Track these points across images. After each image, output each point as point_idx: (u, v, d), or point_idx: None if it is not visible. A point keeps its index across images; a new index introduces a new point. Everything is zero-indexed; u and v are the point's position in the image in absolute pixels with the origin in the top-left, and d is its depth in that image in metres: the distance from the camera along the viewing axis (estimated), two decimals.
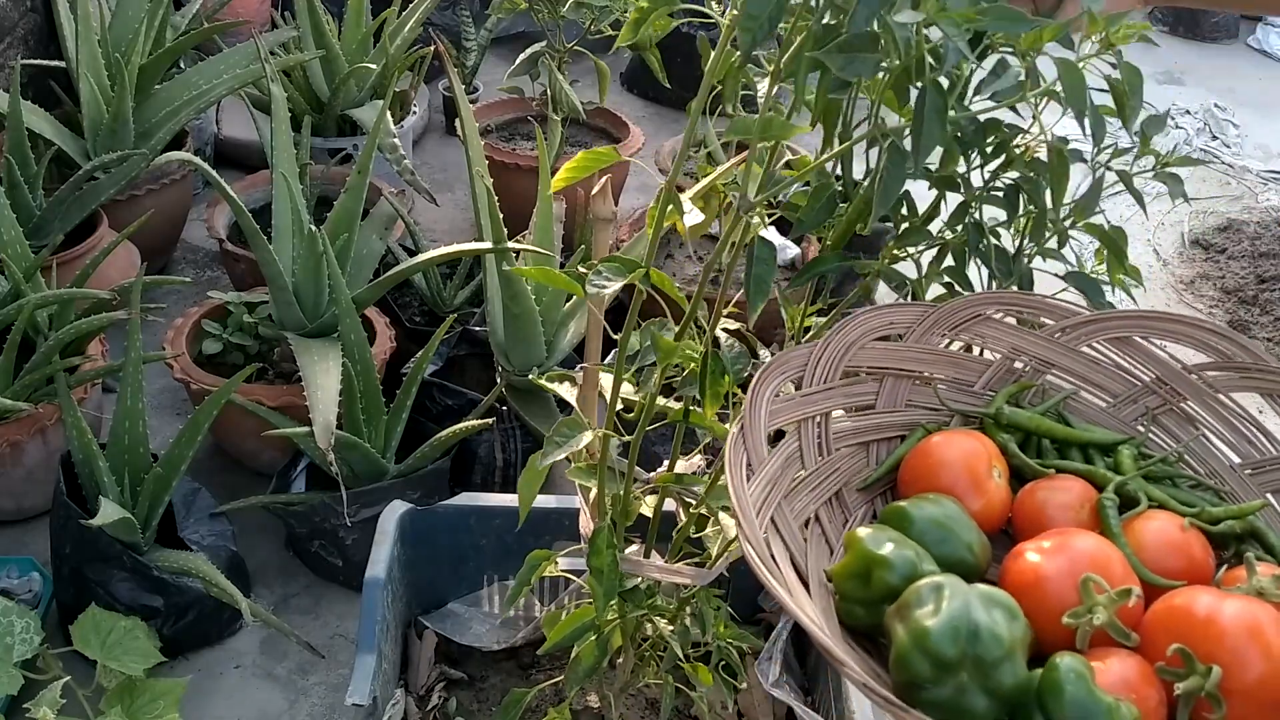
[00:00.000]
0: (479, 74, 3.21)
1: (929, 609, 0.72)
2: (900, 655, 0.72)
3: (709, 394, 0.92)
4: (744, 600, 1.52)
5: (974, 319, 0.98)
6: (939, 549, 0.80)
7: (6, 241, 1.82)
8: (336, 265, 1.73)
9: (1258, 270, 2.91)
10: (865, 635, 0.80)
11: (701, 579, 1.06)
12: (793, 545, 0.82)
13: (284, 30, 2.65)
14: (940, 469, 0.89)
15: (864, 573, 0.78)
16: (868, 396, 0.95)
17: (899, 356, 0.96)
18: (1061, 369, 1.00)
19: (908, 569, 0.77)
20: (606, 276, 0.85)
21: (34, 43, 2.59)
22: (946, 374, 0.98)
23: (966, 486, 0.87)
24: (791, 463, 0.88)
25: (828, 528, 0.88)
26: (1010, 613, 0.73)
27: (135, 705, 1.44)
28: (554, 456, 0.94)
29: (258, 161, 2.65)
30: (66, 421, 1.58)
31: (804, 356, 0.91)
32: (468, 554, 1.48)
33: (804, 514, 0.86)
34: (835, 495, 0.91)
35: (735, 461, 0.80)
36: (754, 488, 0.81)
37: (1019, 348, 0.99)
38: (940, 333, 0.97)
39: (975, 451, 0.89)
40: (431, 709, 1.41)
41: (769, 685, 1.40)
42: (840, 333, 0.93)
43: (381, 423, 1.77)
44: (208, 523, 1.77)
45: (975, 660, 0.70)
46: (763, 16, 0.69)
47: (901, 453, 0.93)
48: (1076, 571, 0.76)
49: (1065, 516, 0.86)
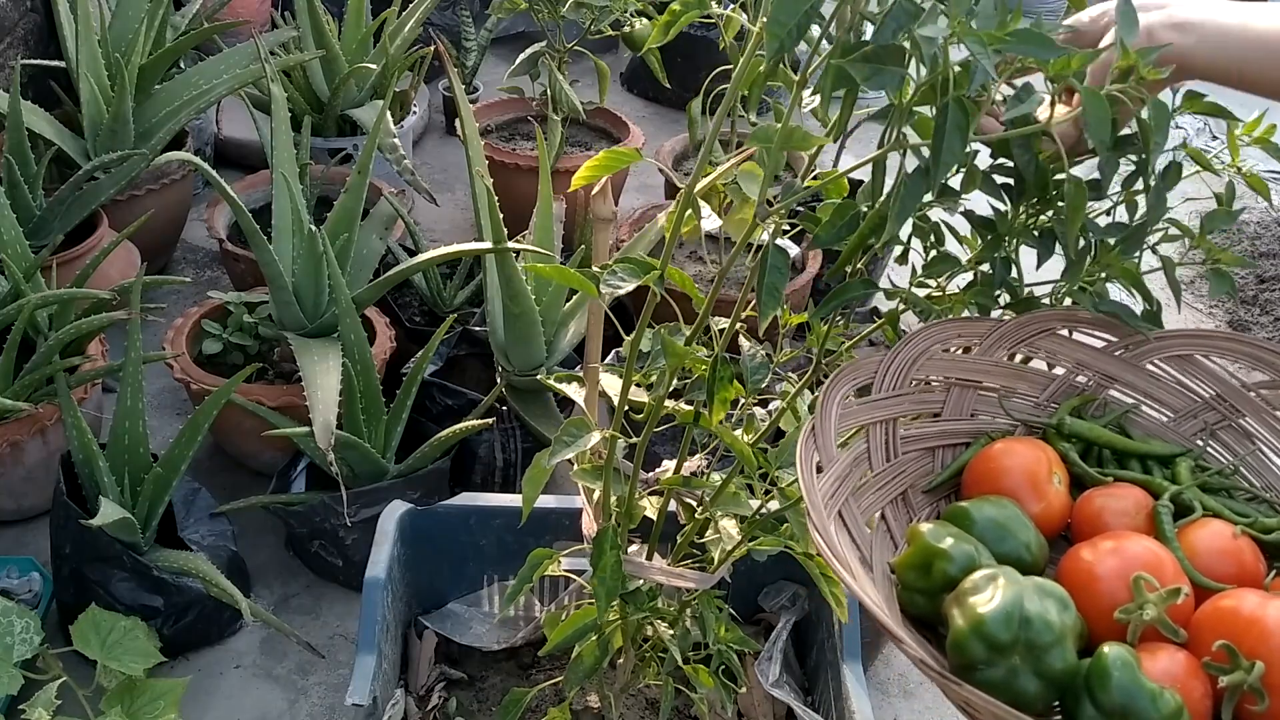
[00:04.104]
0: (479, 74, 3.21)
1: (985, 596, 0.77)
2: (956, 638, 0.76)
3: (716, 400, 0.92)
4: (744, 601, 1.52)
5: (1040, 334, 1.01)
6: (997, 547, 0.84)
7: (6, 241, 1.82)
8: (336, 265, 1.73)
9: (1258, 270, 2.91)
10: (925, 625, 0.84)
11: (704, 582, 1.06)
12: (859, 538, 0.86)
13: (284, 30, 2.65)
14: (1002, 474, 0.92)
15: (925, 564, 0.82)
16: (935, 405, 0.99)
17: (966, 368, 1.00)
18: (1124, 384, 1.03)
19: (966, 561, 0.81)
20: (621, 277, 0.85)
21: (34, 43, 2.59)
22: (1011, 385, 1.02)
23: (1027, 491, 0.91)
24: (860, 463, 0.92)
25: (893, 525, 0.92)
26: (1062, 603, 0.77)
27: (135, 705, 1.44)
28: (562, 455, 0.95)
29: (258, 161, 2.65)
30: (66, 421, 1.58)
31: (875, 364, 0.95)
32: (468, 554, 1.48)
33: (870, 511, 0.91)
34: (901, 496, 0.94)
35: (806, 458, 0.84)
36: (823, 483, 0.85)
37: (1083, 363, 1.02)
38: (1007, 346, 1.01)
39: (1036, 458, 0.93)
40: (431, 709, 1.41)
41: (769, 685, 1.40)
42: (910, 344, 0.96)
43: (381, 423, 1.77)
44: (208, 523, 1.77)
45: (1027, 644, 0.74)
46: (791, 24, 0.69)
47: (966, 458, 0.97)
48: (1129, 571, 0.79)
49: (1122, 522, 0.89)
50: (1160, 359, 1.02)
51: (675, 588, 1.10)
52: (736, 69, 0.78)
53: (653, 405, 0.97)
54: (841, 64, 0.70)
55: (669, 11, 0.80)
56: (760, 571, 1.45)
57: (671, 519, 1.12)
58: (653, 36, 0.82)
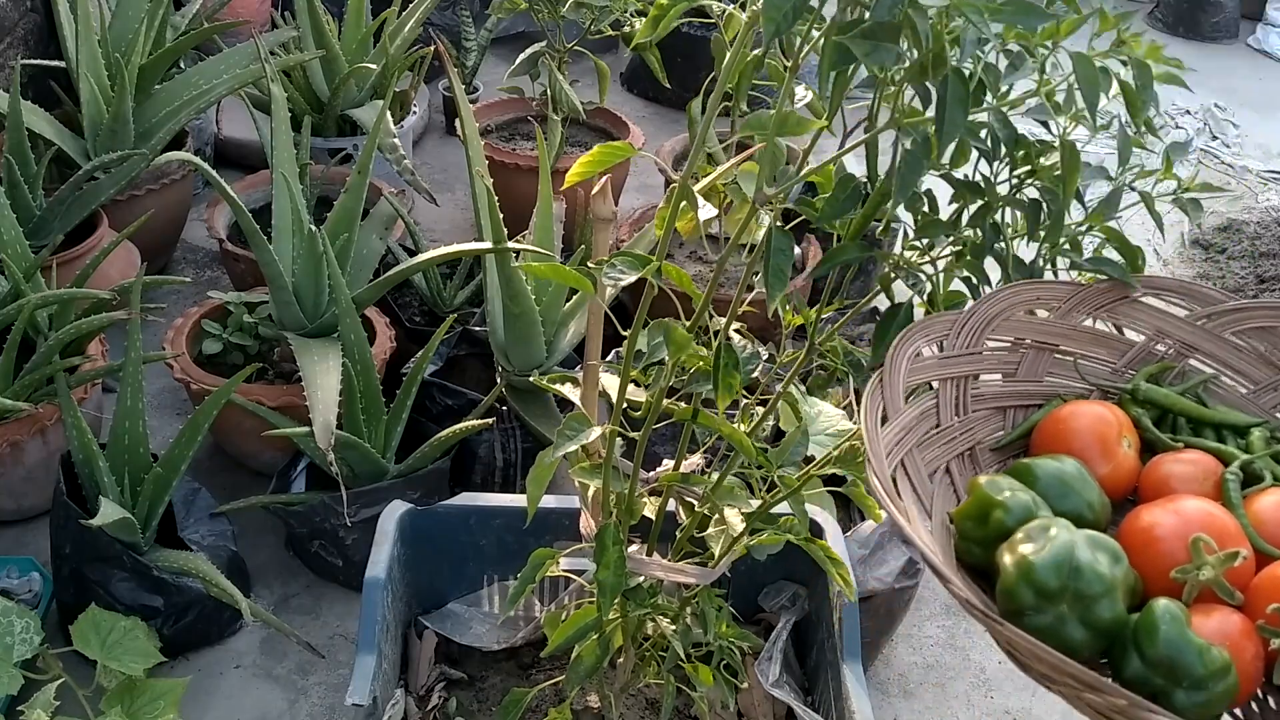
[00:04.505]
0: (479, 74, 3.21)
1: (1037, 545, 0.78)
2: (1006, 584, 0.78)
3: (722, 386, 0.92)
4: (744, 600, 1.52)
5: (1120, 300, 1.01)
6: (1059, 503, 0.85)
7: (6, 241, 1.82)
8: (336, 265, 1.73)
9: (1258, 270, 2.91)
10: (980, 574, 0.84)
11: (705, 578, 1.06)
12: (919, 488, 0.87)
13: (284, 30, 2.65)
14: (1072, 434, 0.93)
15: (982, 514, 0.83)
16: (1009, 366, 0.99)
17: (1042, 330, 1.00)
18: (1204, 354, 1.03)
19: (1023, 512, 0.82)
20: (621, 270, 0.86)
21: (34, 43, 2.59)
22: (1088, 351, 1.02)
23: (1096, 452, 0.91)
24: (927, 417, 0.92)
25: (957, 480, 0.92)
26: (1114, 556, 0.78)
27: (135, 705, 1.44)
28: (565, 449, 0.95)
29: (258, 161, 2.65)
30: (66, 421, 1.58)
31: (949, 322, 0.95)
32: (468, 554, 1.48)
33: (935, 464, 0.91)
34: (969, 452, 0.95)
35: (871, 408, 0.85)
36: (888, 432, 0.86)
37: (1163, 330, 1.02)
38: (1085, 312, 1.01)
39: (1106, 420, 0.93)
40: (431, 709, 1.41)
41: (769, 685, 1.40)
42: (987, 303, 0.97)
43: (381, 423, 1.77)
44: (208, 523, 1.77)
45: (1075, 593, 0.76)
46: (785, 8, 0.69)
47: (1037, 418, 0.97)
48: (1189, 532, 0.80)
49: (1189, 488, 0.90)
50: (1242, 330, 1.02)
51: (675, 585, 1.10)
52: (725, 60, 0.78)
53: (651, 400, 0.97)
54: (841, 40, 0.70)
55: (656, 5, 0.80)
56: (760, 571, 1.45)
57: (671, 518, 1.12)
58: (641, 32, 0.83)
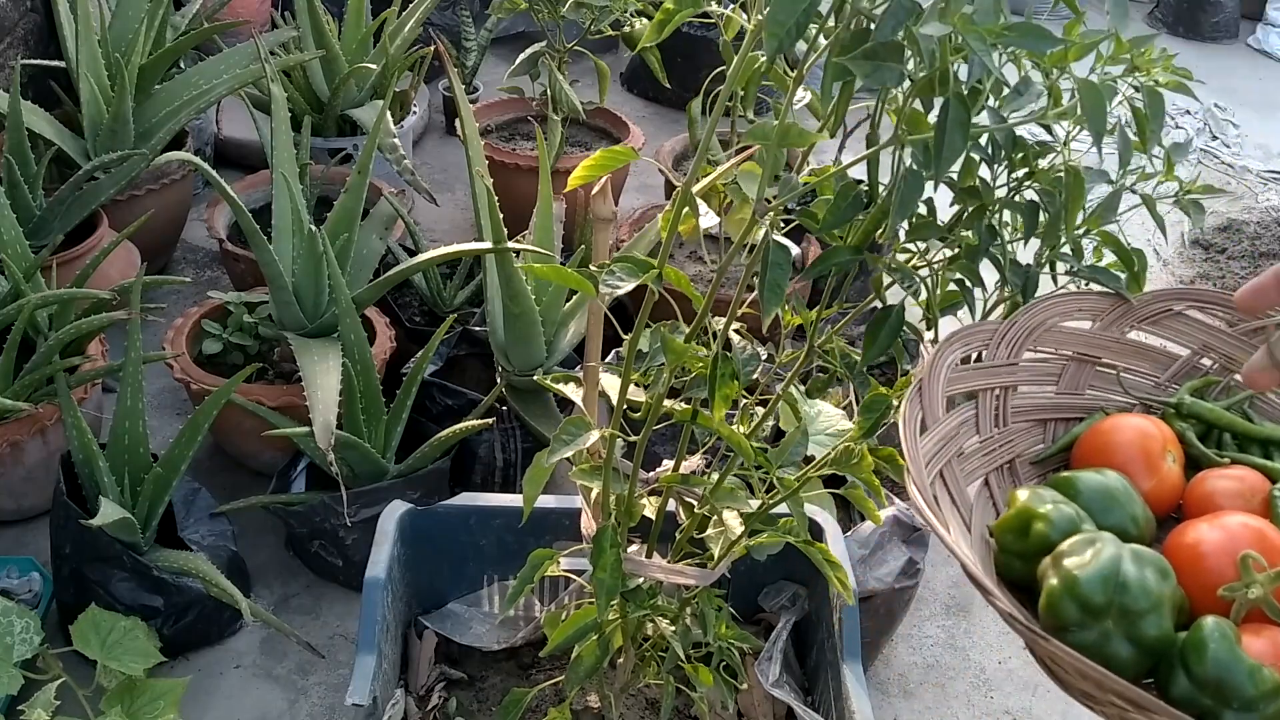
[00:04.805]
0: (479, 74, 3.21)
1: (1082, 559, 0.75)
2: (1050, 600, 0.75)
3: (718, 396, 0.92)
4: (744, 600, 1.52)
5: (1164, 313, 1.00)
6: (1102, 518, 0.83)
7: (6, 241, 1.82)
8: (336, 265, 1.73)
9: (1258, 270, 2.91)
10: (1021, 589, 0.83)
11: (704, 579, 1.06)
12: (959, 501, 0.85)
13: (284, 30, 2.65)
14: (1114, 448, 0.91)
15: (1023, 526, 0.81)
16: (1050, 377, 0.98)
17: (1085, 342, 0.99)
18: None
19: (1067, 525, 0.80)
20: (620, 276, 0.85)
21: (34, 43, 2.59)
22: (1131, 364, 1.00)
23: (1139, 466, 0.89)
24: (966, 427, 0.90)
25: (996, 493, 0.90)
26: (1161, 571, 0.76)
27: (135, 705, 1.44)
28: (561, 454, 0.94)
29: (258, 161, 2.65)
30: (66, 421, 1.58)
31: (990, 331, 0.94)
32: (468, 554, 1.48)
33: (974, 476, 0.89)
34: (1008, 464, 0.93)
35: (910, 416, 0.83)
36: (927, 442, 0.84)
37: (1209, 344, 1.00)
38: (1129, 324, 1.00)
39: (1150, 434, 0.91)
40: (431, 709, 1.41)
41: (769, 685, 1.40)
42: (1029, 313, 0.95)
43: (381, 423, 1.77)
44: (208, 523, 1.77)
45: (1121, 609, 0.73)
46: (790, 23, 0.68)
47: (1078, 431, 0.95)
48: (1237, 549, 0.77)
49: (1235, 504, 0.88)
50: None
51: (676, 586, 1.10)
52: (731, 67, 0.78)
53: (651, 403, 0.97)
54: (842, 61, 0.70)
55: (662, 10, 0.80)
56: (760, 571, 1.45)
57: (671, 519, 1.12)
58: (647, 35, 0.82)
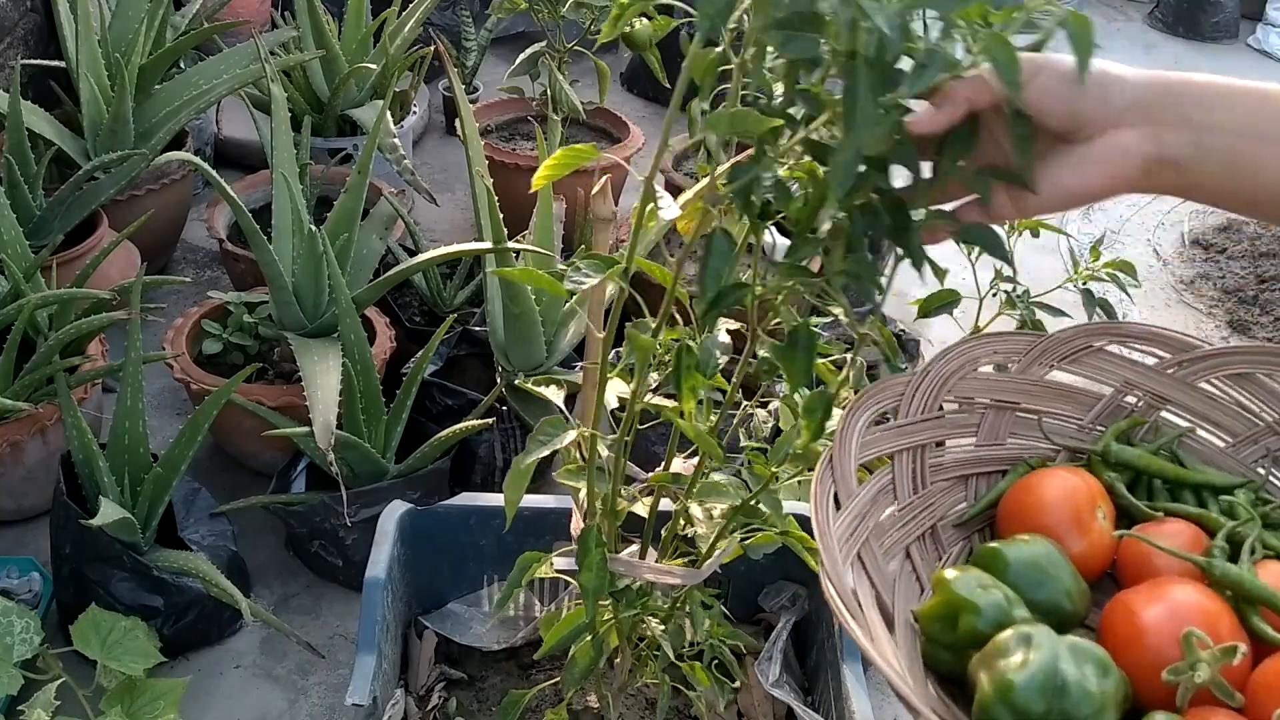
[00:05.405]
0: (479, 74, 3.21)
1: (1016, 660, 0.69)
2: (983, 708, 0.69)
3: (685, 388, 0.88)
4: (744, 601, 1.52)
5: (1084, 350, 0.95)
6: (1034, 594, 0.78)
7: (6, 241, 1.82)
8: (336, 265, 1.73)
9: (1258, 270, 2.91)
10: (952, 680, 0.77)
11: (691, 578, 1.05)
12: (879, 583, 0.79)
13: (284, 30, 2.65)
14: (1041, 508, 0.85)
15: (950, 615, 0.75)
16: (968, 429, 0.92)
17: (1002, 388, 0.93)
18: (1177, 405, 0.95)
19: (997, 614, 0.74)
20: (585, 272, 0.83)
21: (34, 43, 2.60)
22: (1052, 407, 0.95)
23: (1068, 527, 0.84)
24: (884, 495, 0.84)
25: (919, 565, 0.84)
26: (1102, 667, 0.70)
27: (135, 705, 1.44)
28: (536, 455, 0.91)
29: (258, 161, 2.65)
30: (66, 421, 1.58)
31: (901, 385, 0.88)
32: (468, 554, 1.48)
33: (894, 550, 0.83)
34: (930, 531, 0.87)
35: (822, 494, 0.77)
36: (841, 522, 0.78)
37: (1132, 381, 0.95)
38: (1048, 364, 0.94)
39: (1079, 490, 0.86)
40: (431, 709, 1.41)
41: (769, 685, 1.40)
42: (941, 361, 0.90)
43: (381, 423, 1.77)
44: (208, 523, 1.77)
45: (1062, 714, 0.67)
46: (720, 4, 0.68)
47: (1002, 488, 0.90)
48: (1179, 624, 0.72)
49: (1172, 564, 0.82)
50: (1217, 378, 0.93)
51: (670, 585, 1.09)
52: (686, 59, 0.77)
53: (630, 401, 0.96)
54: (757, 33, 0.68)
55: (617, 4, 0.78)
56: (760, 571, 1.45)
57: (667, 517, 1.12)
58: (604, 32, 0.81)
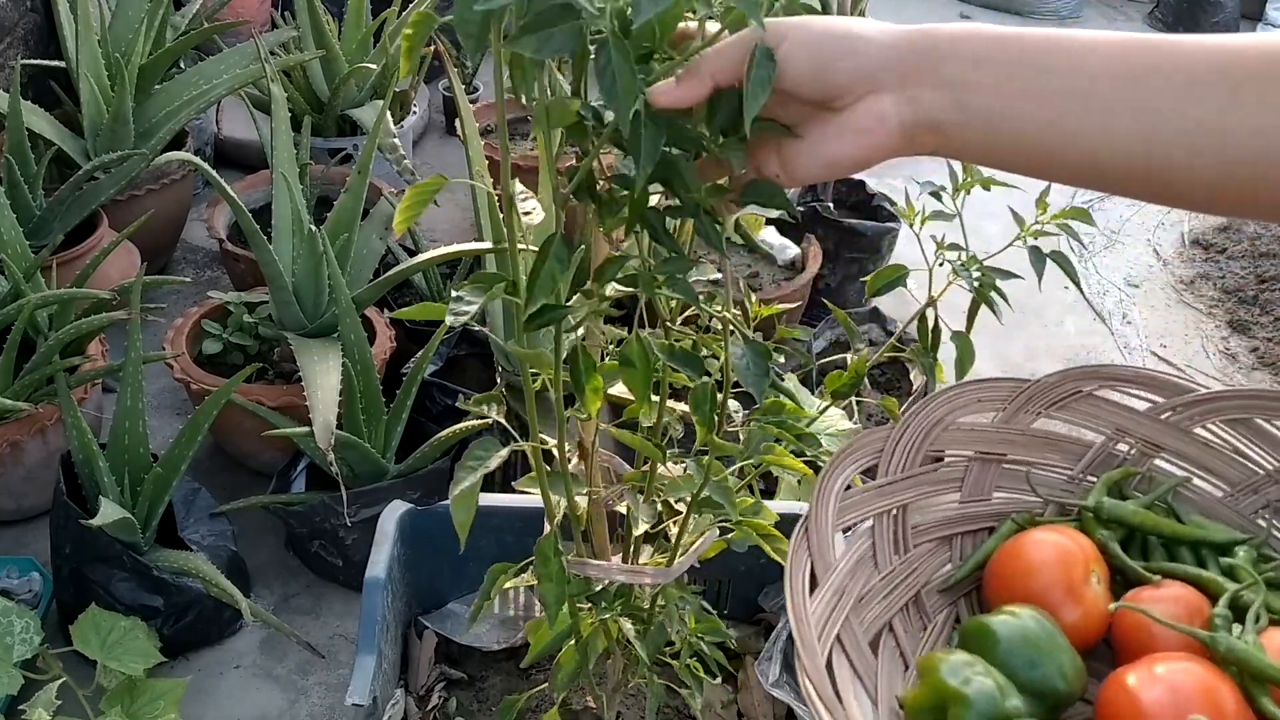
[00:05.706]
0: (479, 74, 3.21)
1: None
2: None
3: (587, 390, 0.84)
4: (744, 601, 1.52)
5: (1072, 395, 0.90)
6: (1027, 674, 0.74)
7: (6, 241, 1.82)
8: (336, 265, 1.73)
9: (1258, 270, 2.91)
10: None
11: (664, 577, 1.04)
12: (860, 666, 0.74)
13: (284, 30, 2.65)
14: (1031, 573, 0.81)
15: (938, 706, 0.71)
16: (951, 483, 0.87)
17: (987, 439, 0.88)
18: (1171, 452, 0.91)
19: (988, 707, 0.70)
20: (467, 300, 0.78)
21: (34, 43, 2.59)
22: (1040, 457, 0.90)
23: (1060, 595, 0.80)
24: (864, 564, 0.80)
25: (903, 639, 0.79)
26: None
27: (135, 705, 1.44)
28: (466, 483, 0.86)
29: (258, 161, 2.65)
30: (66, 421, 1.58)
31: (880, 441, 0.84)
32: (468, 554, 1.48)
33: (876, 625, 0.78)
34: (913, 600, 0.83)
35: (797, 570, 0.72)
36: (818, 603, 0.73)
37: (1123, 428, 0.91)
38: (1035, 411, 0.90)
39: (1071, 554, 0.82)
40: (431, 709, 1.41)
41: (769, 685, 1.40)
42: (922, 413, 0.85)
43: (381, 423, 1.77)
44: (208, 523, 1.77)
45: None
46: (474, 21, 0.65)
47: (988, 549, 0.85)
48: (1183, 708, 0.69)
49: (1171, 640, 0.78)
50: (1214, 423, 0.89)
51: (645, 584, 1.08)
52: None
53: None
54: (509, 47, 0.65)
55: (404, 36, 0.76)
56: (760, 571, 1.45)
57: None
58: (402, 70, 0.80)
